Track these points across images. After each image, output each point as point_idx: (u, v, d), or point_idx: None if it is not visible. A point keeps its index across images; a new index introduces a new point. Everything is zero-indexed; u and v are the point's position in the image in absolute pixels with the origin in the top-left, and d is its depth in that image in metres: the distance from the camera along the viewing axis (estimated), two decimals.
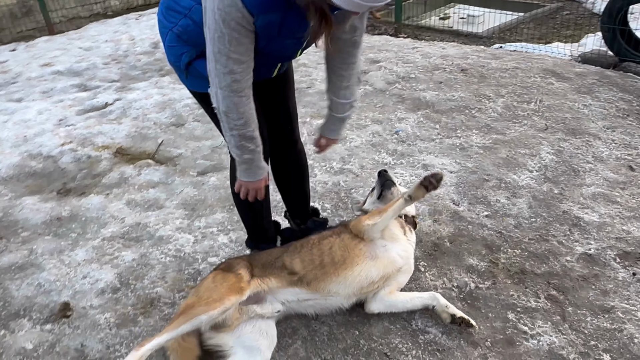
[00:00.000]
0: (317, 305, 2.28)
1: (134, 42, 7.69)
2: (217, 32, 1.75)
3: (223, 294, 2.09)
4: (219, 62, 1.81)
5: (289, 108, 2.45)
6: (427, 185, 2.28)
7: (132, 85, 5.75)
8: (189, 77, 2.11)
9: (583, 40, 6.86)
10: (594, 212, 3.04)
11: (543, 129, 4.02)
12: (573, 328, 2.28)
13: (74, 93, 5.67)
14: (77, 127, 4.62)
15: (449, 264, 2.66)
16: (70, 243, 3.06)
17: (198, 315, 2.03)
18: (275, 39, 1.88)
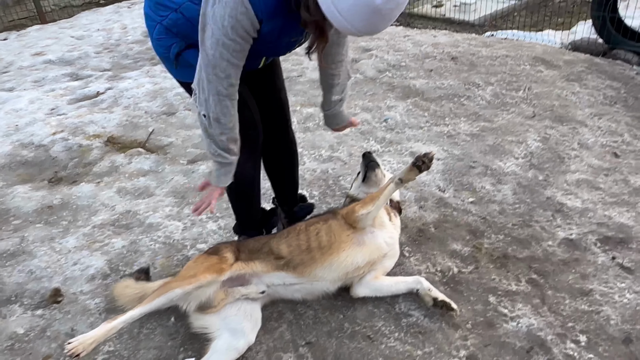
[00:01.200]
0: (303, 289, 2.33)
1: (126, 30, 7.69)
2: (222, 39, 1.75)
3: (200, 271, 2.16)
4: (217, 67, 1.82)
5: (280, 97, 2.48)
6: (419, 165, 2.27)
7: (124, 74, 5.76)
8: (178, 67, 2.13)
9: (574, 27, 6.89)
10: (577, 198, 3.10)
11: (530, 117, 4.07)
12: (552, 310, 2.34)
13: (66, 82, 5.68)
14: (68, 116, 4.64)
15: (433, 249, 2.71)
16: (61, 230, 3.10)
17: (173, 289, 2.10)
18: (274, 41, 1.93)
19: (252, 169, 2.43)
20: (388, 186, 2.37)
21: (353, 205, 2.41)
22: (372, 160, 2.72)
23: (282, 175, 2.72)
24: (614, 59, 5.41)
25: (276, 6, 1.77)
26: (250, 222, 2.66)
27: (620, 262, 2.59)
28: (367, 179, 2.71)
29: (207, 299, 2.21)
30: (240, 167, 2.36)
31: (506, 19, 8.09)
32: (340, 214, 2.44)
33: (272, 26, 1.83)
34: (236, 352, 2.14)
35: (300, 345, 2.22)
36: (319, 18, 1.71)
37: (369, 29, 1.67)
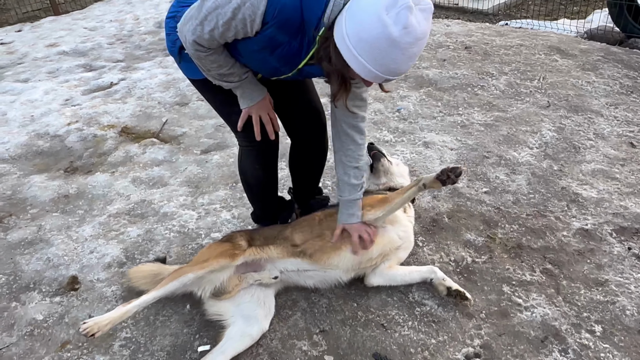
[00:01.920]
0: (317, 276, 2.35)
1: (138, 21, 7.71)
2: (221, 9, 1.71)
3: (213, 256, 2.19)
4: (198, 22, 1.77)
5: (315, 107, 2.41)
6: (444, 179, 2.13)
7: (137, 65, 5.79)
8: (182, 62, 2.13)
9: (590, 16, 6.80)
10: (592, 188, 3.07)
11: (545, 106, 4.03)
12: (567, 300, 2.33)
13: (80, 73, 5.72)
14: (82, 106, 4.68)
15: (446, 239, 2.71)
16: (77, 219, 3.14)
17: (185, 273, 2.13)
18: (266, 55, 1.88)
19: (261, 171, 2.43)
20: (409, 190, 2.28)
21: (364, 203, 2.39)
22: (377, 150, 2.73)
23: (307, 175, 2.70)
24: (630, 48, 5.34)
25: (291, 21, 1.74)
26: (264, 214, 2.69)
27: (636, 253, 2.57)
28: (375, 170, 2.72)
29: (221, 285, 2.24)
30: (250, 169, 2.41)
31: (520, 7, 8.00)
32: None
33: (274, 36, 1.78)
34: (250, 339, 2.17)
35: (314, 333, 2.24)
36: (341, 67, 1.71)
37: (390, 68, 1.63)
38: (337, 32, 1.67)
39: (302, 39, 1.80)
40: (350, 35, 1.61)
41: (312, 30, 1.75)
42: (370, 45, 1.59)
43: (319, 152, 2.57)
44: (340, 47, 1.66)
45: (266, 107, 2.14)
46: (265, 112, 2.15)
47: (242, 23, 1.73)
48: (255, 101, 2.10)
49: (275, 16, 1.71)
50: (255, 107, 2.12)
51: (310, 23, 1.73)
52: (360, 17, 1.59)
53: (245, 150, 2.38)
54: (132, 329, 2.34)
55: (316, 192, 2.82)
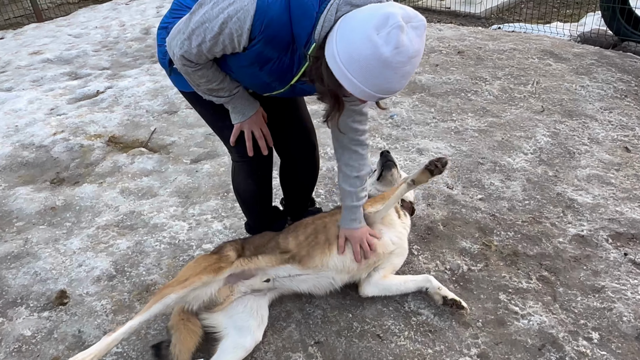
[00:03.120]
0: (309, 280, 2.36)
1: (124, 28, 7.73)
2: (208, 23, 1.74)
3: (195, 273, 2.20)
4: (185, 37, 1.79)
5: (306, 126, 2.46)
6: (432, 170, 2.32)
7: (124, 73, 5.80)
8: (172, 74, 2.14)
9: (583, 19, 6.92)
10: (587, 193, 3.13)
11: (539, 111, 4.10)
12: (563, 308, 2.38)
13: (65, 81, 5.72)
14: (68, 116, 4.68)
15: (442, 247, 2.75)
16: (65, 232, 3.14)
17: (167, 295, 2.13)
18: (256, 70, 1.90)
19: (254, 185, 2.46)
20: (400, 187, 2.43)
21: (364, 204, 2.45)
22: (390, 160, 2.80)
23: (298, 191, 2.74)
24: (624, 52, 5.44)
25: (280, 37, 1.75)
26: (257, 226, 2.71)
27: (632, 259, 2.63)
28: (382, 178, 2.78)
29: (210, 298, 2.25)
30: (243, 184, 2.45)
31: (513, 11, 8.12)
32: None
33: (262, 51, 1.79)
34: (243, 351, 2.19)
35: (309, 345, 2.26)
36: (334, 86, 1.72)
37: (383, 87, 1.64)
38: (328, 51, 1.67)
39: (292, 55, 1.82)
40: (342, 55, 1.62)
41: (302, 47, 1.77)
42: (362, 66, 1.59)
43: (309, 170, 2.60)
44: (331, 67, 1.66)
45: (259, 122, 2.17)
46: (257, 128, 2.18)
47: (229, 38, 1.75)
48: (247, 116, 2.13)
49: (262, 31, 1.72)
50: (248, 122, 2.15)
51: (300, 38, 1.75)
52: (350, 37, 1.59)
53: (238, 165, 2.41)
54: (123, 343, 2.34)
55: (309, 204, 2.85)
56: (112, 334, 2.03)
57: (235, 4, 1.70)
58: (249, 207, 2.62)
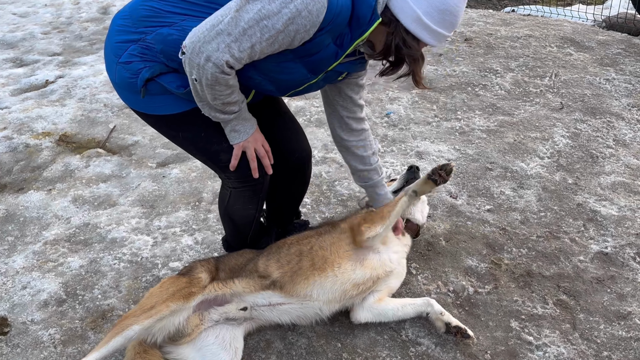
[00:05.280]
0: (292, 311, 2.37)
1: (78, 6, 7.73)
2: (268, 20, 1.77)
3: (161, 300, 2.20)
4: (233, 38, 1.81)
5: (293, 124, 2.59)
6: (435, 179, 2.37)
7: (78, 60, 5.81)
8: (146, 96, 2.13)
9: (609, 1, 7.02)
10: (612, 204, 3.18)
11: (558, 109, 4.16)
12: (584, 337, 2.41)
13: (8, 69, 5.72)
14: (12, 110, 4.68)
15: (444, 265, 2.78)
16: (6, 248, 3.13)
17: (130, 326, 2.11)
18: (298, 64, 2.00)
19: (254, 210, 2.51)
20: (400, 200, 2.45)
21: (359, 222, 2.45)
22: (416, 178, 2.81)
23: (289, 202, 2.81)
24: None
25: (344, 22, 1.89)
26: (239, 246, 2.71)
27: None
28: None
29: (177, 328, 2.25)
30: (242, 210, 2.47)
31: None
32: (343, 228, 2.50)
33: (320, 41, 1.91)
34: None
35: None
36: (415, 48, 1.98)
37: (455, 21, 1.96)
38: (406, 17, 1.91)
39: (341, 39, 1.95)
40: (429, 12, 1.90)
41: (360, 27, 1.92)
42: (449, 12, 1.91)
43: (303, 179, 2.70)
44: (414, 29, 1.93)
45: (260, 139, 2.22)
46: (260, 145, 2.23)
47: (292, 35, 1.81)
48: (249, 134, 2.17)
49: (332, 21, 1.84)
50: (250, 141, 2.18)
51: (363, 18, 1.89)
52: None
53: (237, 192, 2.41)
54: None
55: (295, 216, 2.87)
56: None
57: None
58: (242, 231, 2.63)
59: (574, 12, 6.52)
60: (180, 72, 2.03)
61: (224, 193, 2.46)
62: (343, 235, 2.47)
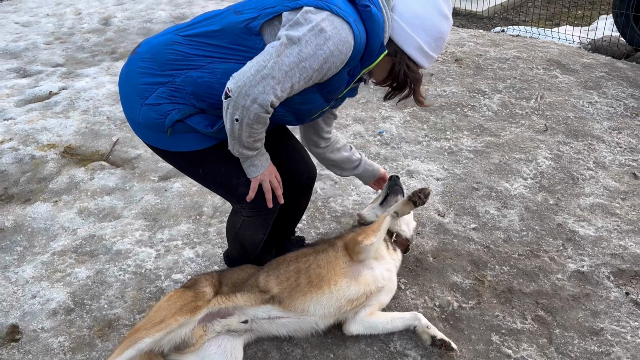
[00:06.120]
0: (290, 324, 2.54)
1: (80, 17, 7.85)
2: (306, 62, 1.97)
3: (170, 314, 2.34)
4: (277, 81, 1.98)
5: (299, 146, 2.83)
6: (415, 201, 2.68)
7: (80, 71, 5.93)
8: (172, 135, 2.28)
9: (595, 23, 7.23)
10: (590, 225, 3.35)
11: (542, 131, 4.34)
12: (559, 351, 2.58)
13: (12, 79, 5.83)
14: (17, 121, 4.80)
15: (431, 281, 2.94)
16: (15, 258, 3.26)
17: (141, 339, 2.26)
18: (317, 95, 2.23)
19: (263, 234, 2.68)
20: (384, 220, 2.71)
21: (354, 236, 2.64)
22: (398, 185, 3.07)
23: (291, 220, 3.03)
24: (637, 63, 5.73)
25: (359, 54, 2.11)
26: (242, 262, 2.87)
27: (634, 298, 2.84)
28: (386, 202, 3.03)
29: (183, 340, 2.40)
30: (251, 235, 2.65)
31: (519, 10, 8.42)
32: (339, 244, 2.68)
33: (342, 73, 2.14)
34: None
35: None
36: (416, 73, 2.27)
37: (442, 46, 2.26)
38: (410, 48, 2.19)
39: (354, 70, 2.18)
40: (428, 42, 2.18)
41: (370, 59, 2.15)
42: (442, 40, 2.21)
43: (307, 198, 2.94)
44: (417, 58, 2.21)
45: (274, 171, 2.41)
46: (274, 177, 2.42)
47: (324, 72, 2.04)
48: (265, 167, 2.36)
49: (354, 56, 2.08)
50: (267, 174, 2.37)
51: (373, 51, 2.12)
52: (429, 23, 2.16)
53: (249, 220, 2.57)
54: None
55: (291, 233, 3.04)
56: None
57: (333, 38, 1.96)
58: (248, 253, 2.78)
59: (561, 33, 6.71)
60: (207, 112, 2.22)
61: (236, 220, 2.62)
62: (339, 254, 2.64)
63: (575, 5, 8.46)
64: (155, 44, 2.26)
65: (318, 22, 1.94)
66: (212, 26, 2.17)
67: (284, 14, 2.03)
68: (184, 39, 2.20)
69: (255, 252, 2.73)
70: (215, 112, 2.21)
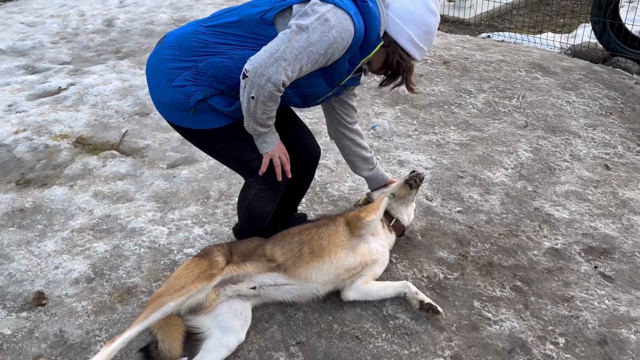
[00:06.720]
0: (294, 290, 2.82)
1: (84, 18, 8.09)
2: (313, 47, 2.26)
3: (190, 281, 2.61)
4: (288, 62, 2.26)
5: (306, 128, 3.11)
6: (411, 184, 3.08)
7: (87, 69, 6.17)
8: (195, 114, 2.55)
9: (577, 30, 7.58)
10: (565, 209, 3.66)
11: (523, 126, 4.65)
12: (534, 315, 2.87)
13: (22, 75, 6.06)
14: (29, 113, 5.04)
15: (420, 256, 3.23)
16: (37, 234, 3.51)
17: (166, 303, 2.53)
18: (322, 80, 2.50)
19: (271, 207, 2.95)
20: (383, 200, 3.02)
21: (356, 213, 2.93)
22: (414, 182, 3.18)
23: (297, 197, 3.31)
24: (614, 67, 6.07)
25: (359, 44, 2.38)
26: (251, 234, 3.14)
27: (602, 271, 3.14)
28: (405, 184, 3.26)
29: (199, 303, 2.67)
30: (262, 207, 2.93)
31: (504, 17, 8.77)
32: (342, 220, 2.96)
33: (342, 60, 2.41)
34: (227, 350, 2.60)
35: (291, 345, 2.70)
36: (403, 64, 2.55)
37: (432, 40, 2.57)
38: (402, 39, 2.48)
39: (354, 59, 2.46)
40: (418, 33, 2.47)
41: (368, 49, 2.43)
42: (430, 33, 2.52)
43: (312, 176, 3.22)
44: (408, 48, 2.50)
45: (283, 149, 2.69)
46: (283, 154, 2.69)
47: (329, 56, 2.33)
48: (275, 144, 2.64)
49: (354, 44, 2.36)
50: (277, 150, 2.65)
51: (371, 41, 2.41)
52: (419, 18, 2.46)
53: (261, 192, 2.84)
54: (106, 342, 2.72)
55: (294, 210, 3.32)
56: (111, 344, 2.42)
57: (337, 27, 2.26)
58: (257, 224, 3.05)
59: (543, 39, 7.05)
60: (225, 94, 2.50)
61: (249, 193, 2.88)
62: (340, 228, 2.91)
63: (558, 13, 8.81)
64: (180, 34, 2.55)
65: (324, 13, 2.24)
66: (231, 17, 2.46)
67: (294, 6, 2.34)
68: (206, 29, 2.49)
69: (263, 223, 3.00)
70: (232, 93, 2.49)
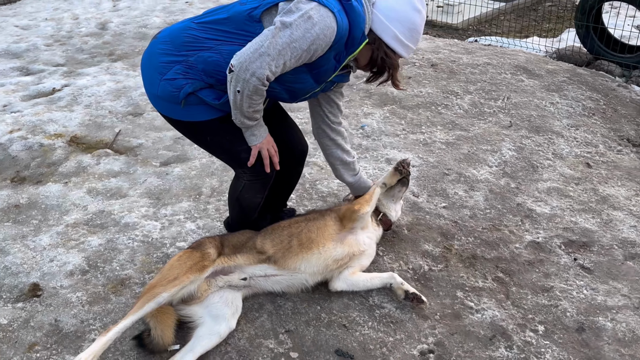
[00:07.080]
0: (284, 281, 2.90)
1: (77, 21, 8.17)
2: (296, 43, 2.33)
3: (183, 272, 2.68)
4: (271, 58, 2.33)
5: (294, 124, 3.19)
6: (400, 170, 3.16)
7: (81, 70, 6.25)
8: (185, 106, 2.64)
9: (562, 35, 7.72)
10: (546, 205, 3.76)
11: (507, 126, 4.76)
12: (515, 305, 2.96)
13: (16, 77, 6.14)
14: (24, 113, 5.11)
15: (405, 249, 3.32)
16: (32, 229, 3.58)
17: (159, 294, 2.59)
18: (308, 76, 2.57)
19: (260, 198, 3.03)
20: (375, 189, 3.12)
21: (350, 206, 3.03)
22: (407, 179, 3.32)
23: (286, 191, 3.39)
24: (597, 70, 6.21)
25: (343, 41, 2.45)
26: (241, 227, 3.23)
27: (581, 263, 3.24)
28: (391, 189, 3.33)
29: (190, 294, 2.75)
30: (251, 198, 3.01)
31: (492, 23, 8.90)
32: (332, 214, 3.06)
33: (327, 56, 2.48)
34: (218, 337, 2.68)
35: (280, 333, 2.78)
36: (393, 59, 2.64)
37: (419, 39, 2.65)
38: (387, 36, 2.56)
39: (339, 56, 2.54)
40: (402, 30, 2.55)
41: (353, 46, 2.51)
42: (416, 31, 2.59)
43: (300, 171, 3.29)
44: (394, 46, 2.58)
45: (271, 141, 2.77)
46: (271, 147, 2.77)
47: (312, 52, 2.40)
48: (263, 137, 2.71)
49: (338, 41, 2.43)
50: (265, 142, 2.73)
51: (356, 39, 2.49)
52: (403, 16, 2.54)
53: (250, 184, 2.92)
54: (100, 331, 2.81)
55: (284, 205, 3.41)
56: (107, 333, 2.48)
57: (320, 24, 2.34)
58: (247, 216, 3.13)
59: (529, 43, 7.19)
60: (214, 87, 2.58)
61: (238, 184, 2.97)
62: (329, 222, 3.00)
63: (546, 19, 8.96)
64: (173, 30, 2.65)
65: (307, 11, 2.33)
66: (221, 15, 2.56)
67: (280, 4, 2.43)
68: (197, 26, 2.58)
69: (253, 215, 3.09)
70: (221, 87, 2.57)
